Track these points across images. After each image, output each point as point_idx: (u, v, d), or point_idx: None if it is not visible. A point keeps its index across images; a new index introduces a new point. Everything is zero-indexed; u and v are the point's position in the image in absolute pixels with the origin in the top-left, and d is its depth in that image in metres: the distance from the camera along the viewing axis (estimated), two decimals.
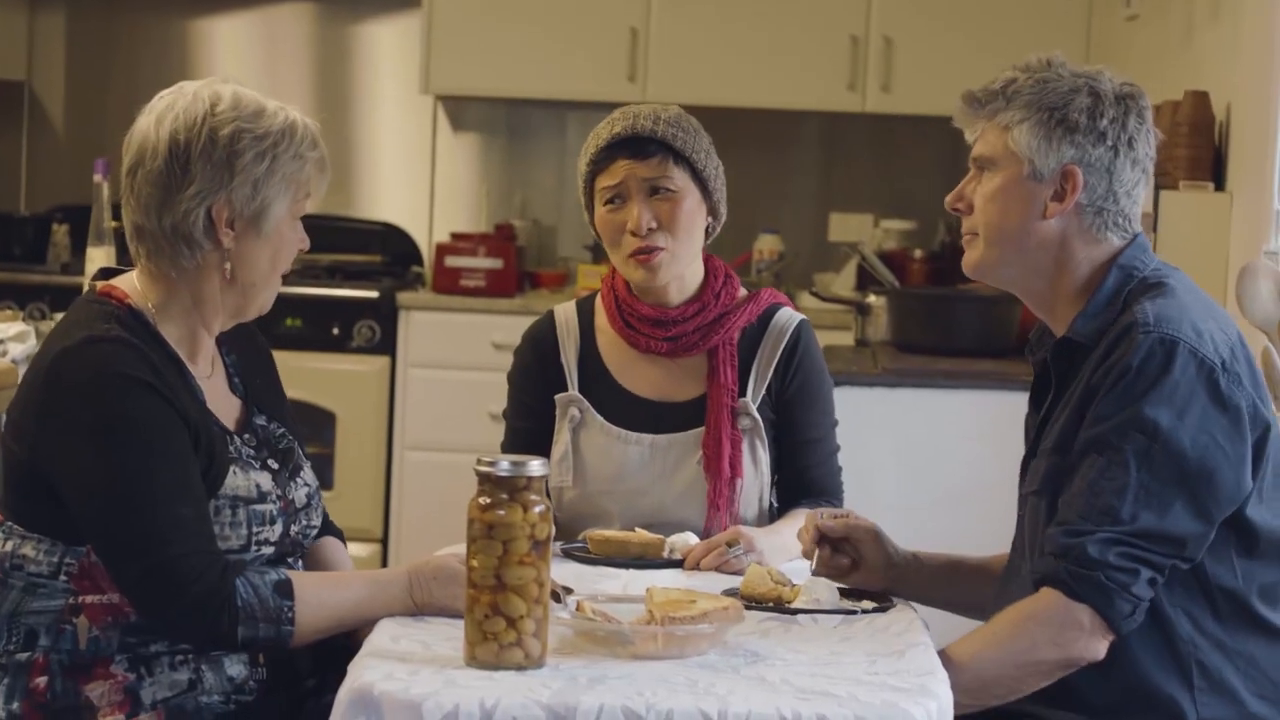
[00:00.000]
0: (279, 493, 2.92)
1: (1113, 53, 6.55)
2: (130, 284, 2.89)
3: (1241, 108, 4.66)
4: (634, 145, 3.41)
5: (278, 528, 2.90)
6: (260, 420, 3.00)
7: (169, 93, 2.86)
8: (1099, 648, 2.73)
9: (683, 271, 3.48)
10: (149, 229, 2.84)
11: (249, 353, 3.07)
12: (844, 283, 6.96)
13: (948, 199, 2.96)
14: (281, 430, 3.02)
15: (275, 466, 2.96)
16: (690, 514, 3.45)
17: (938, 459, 4.88)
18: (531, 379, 3.54)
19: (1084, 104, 2.85)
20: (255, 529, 2.86)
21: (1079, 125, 2.84)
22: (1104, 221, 2.87)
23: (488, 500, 2.52)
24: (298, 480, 2.99)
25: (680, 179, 3.42)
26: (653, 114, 3.43)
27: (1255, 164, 4.48)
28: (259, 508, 2.87)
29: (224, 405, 2.95)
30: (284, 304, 6.63)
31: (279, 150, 2.82)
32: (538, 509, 2.53)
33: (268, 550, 2.88)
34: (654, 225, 3.40)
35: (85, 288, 2.95)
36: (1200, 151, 4.73)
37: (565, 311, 3.58)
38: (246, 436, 2.95)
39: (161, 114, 2.83)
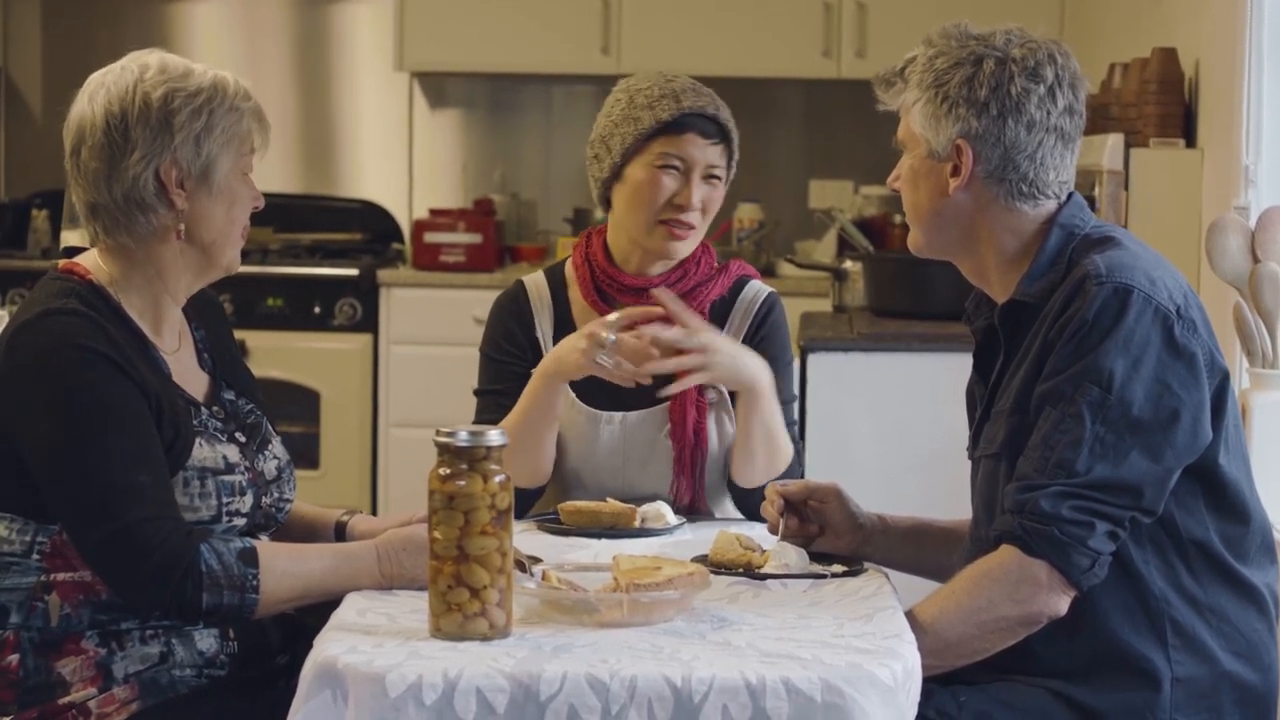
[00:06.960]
0: (247, 464, 2.93)
1: (1085, 12, 6.55)
2: (92, 261, 2.92)
3: (1210, 64, 4.65)
4: (708, 126, 3.42)
5: (248, 499, 2.90)
6: (229, 395, 3.02)
7: (99, 73, 2.91)
8: (1059, 603, 2.72)
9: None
10: (102, 203, 2.86)
11: (217, 328, 3.08)
12: (825, 250, 6.95)
13: (889, 179, 2.97)
14: (250, 406, 3.04)
15: (243, 439, 2.97)
16: (660, 486, 3.45)
17: (914, 422, 4.87)
18: (509, 346, 3.52)
19: (963, 76, 2.82)
20: (225, 499, 2.87)
21: (959, 99, 2.82)
22: (1009, 190, 2.85)
23: (448, 471, 2.52)
24: (266, 453, 3.00)
25: (725, 169, 3.46)
26: (713, 100, 3.45)
27: (1224, 120, 4.47)
28: (227, 479, 2.88)
29: (192, 379, 2.97)
30: (265, 283, 6.82)
31: (214, 105, 2.86)
32: (498, 479, 2.52)
33: (239, 521, 2.89)
34: (699, 206, 3.43)
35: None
36: (1170, 108, 4.72)
37: (535, 283, 3.56)
38: (215, 409, 2.97)
39: (94, 92, 2.88)
